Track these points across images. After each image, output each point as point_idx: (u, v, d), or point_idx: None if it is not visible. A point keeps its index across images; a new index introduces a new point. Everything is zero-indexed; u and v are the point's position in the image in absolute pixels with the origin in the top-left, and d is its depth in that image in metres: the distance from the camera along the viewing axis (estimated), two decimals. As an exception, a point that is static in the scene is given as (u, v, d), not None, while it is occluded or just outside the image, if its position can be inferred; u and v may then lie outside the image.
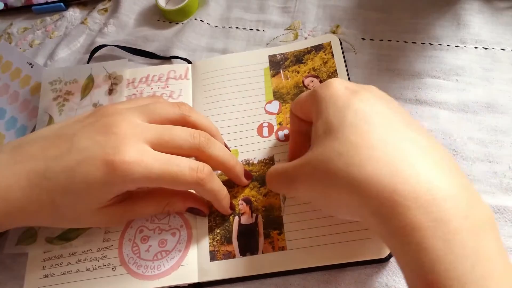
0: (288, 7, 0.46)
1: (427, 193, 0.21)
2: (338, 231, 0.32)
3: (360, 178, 0.23)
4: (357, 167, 0.23)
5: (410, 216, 0.21)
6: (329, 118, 0.26)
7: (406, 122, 0.26)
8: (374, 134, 0.24)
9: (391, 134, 0.24)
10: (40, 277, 0.34)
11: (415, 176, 0.22)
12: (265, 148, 0.37)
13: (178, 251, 0.34)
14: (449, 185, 0.22)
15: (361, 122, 0.25)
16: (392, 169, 0.22)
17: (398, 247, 0.22)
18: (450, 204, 0.21)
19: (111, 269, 0.34)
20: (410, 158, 0.23)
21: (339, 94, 0.27)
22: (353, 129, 0.25)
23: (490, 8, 0.40)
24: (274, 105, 0.39)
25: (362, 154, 0.23)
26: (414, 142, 0.24)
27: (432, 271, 0.20)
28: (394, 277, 0.31)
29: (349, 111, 0.26)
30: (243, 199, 0.35)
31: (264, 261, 0.32)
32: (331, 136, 0.25)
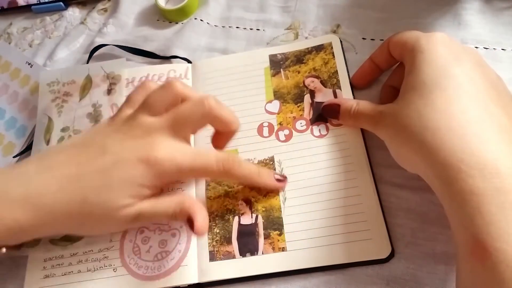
0: (289, 6, 0.46)
1: (492, 167, 0.23)
2: (338, 232, 0.32)
3: (432, 143, 0.25)
4: (431, 133, 0.25)
5: (472, 183, 0.23)
6: (423, 75, 0.28)
7: (494, 97, 0.27)
8: (458, 104, 0.26)
9: (474, 107, 0.26)
10: (40, 278, 0.34)
11: (484, 151, 0.24)
12: (265, 148, 0.37)
13: (178, 252, 0.34)
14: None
15: (451, 89, 0.26)
16: (463, 141, 0.24)
17: (455, 209, 0.24)
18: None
19: (112, 270, 0.34)
20: (484, 134, 0.24)
21: (440, 53, 0.28)
22: (441, 94, 0.26)
23: (491, 8, 0.40)
24: (275, 105, 0.39)
25: (440, 121, 0.25)
26: (493, 119, 0.26)
27: (486, 232, 0.22)
28: (395, 277, 0.31)
29: (445, 76, 0.27)
30: (243, 199, 0.35)
31: (264, 262, 0.32)
32: (419, 94, 0.27)
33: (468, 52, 0.29)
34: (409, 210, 0.33)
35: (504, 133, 0.25)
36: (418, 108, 0.27)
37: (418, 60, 0.28)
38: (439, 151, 0.24)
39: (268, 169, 0.35)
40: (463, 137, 0.24)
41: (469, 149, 0.24)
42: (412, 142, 0.27)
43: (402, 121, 0.28)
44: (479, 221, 0.22)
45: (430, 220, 0.32)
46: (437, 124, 0.25)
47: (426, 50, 0.28)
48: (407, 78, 0.29)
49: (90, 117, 0.41)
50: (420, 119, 0.26)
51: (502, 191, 0.22)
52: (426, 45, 0.29)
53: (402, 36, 0.31)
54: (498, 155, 0.24)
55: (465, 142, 0.24)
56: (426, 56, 0.28)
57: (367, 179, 0.34)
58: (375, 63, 0.36)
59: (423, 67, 0.28)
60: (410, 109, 0.27)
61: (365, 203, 0.33)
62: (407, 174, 0.34)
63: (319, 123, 0.37)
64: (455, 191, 0.23)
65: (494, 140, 0.24)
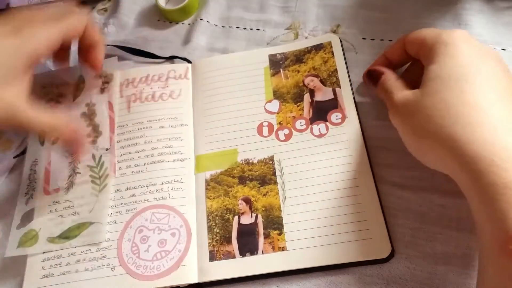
0: (289, 6, 0.46)
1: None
2: (338, 232, 0.32)
3: (462, 137, 0.25)
4: (462, 126, 0.25)
5: (506, 176, 0.22)
6: (448, 68, 0.27)
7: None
8: (487, 99, 0.26)
9: (503, 102, 0.26)
10: (39, 277, 0.34)
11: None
12: (265, 148, 0.37)
13: (178, 251, 0.33)
14: None
15: (477, 83, 0.26)
16: (495, 135, 0.24)
17: (486, 203, 0.23)
18: None
19: (110, 269, 0.33)
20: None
21: (463, 49, 0.28)
22: (469, 88, 0.26)
23: (491, 8, 0.40)
24: (274, 105, 0.39)
25: (470, 114, 0.25)
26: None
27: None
28: (395, 277, 0.31)
29: (470, 71, 0.27)
30: (242, 199, 0.35)
31: (264, 261, 0.32)
32: (445, 85, 0.27)
33: (488, 49, 0.29)
34: (409, 210, 0.33)
35: None
36: (446, 99, 0.26)
37: (441, 52, 0.28)
38: (470, 145, 0.24)
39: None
40: (495, 131, 0.24)
41: (502, 142, 0.24)
42: (438, 134, 0.26)
43: (426, 110, 0.27)
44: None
45: (430, 220, 0.32)
46: (467, 118, 0.25)
47: (450, 44, 0.28)
48: (430, 67, 0.29)
49: (85, 117, 0.41)
50: (448, 111, 0.26)
51: None
52: (448, 39, 0.29)
53: (420, 33, 0.31)
54: None
55: (496, 136, 0.24)
56: (449, 50, 0.28)
57: (367, 179, 0.34)
58: (388, 60, 0.36)
59: (446, 60, 0.28)
60: (437, 99, 0.27)
61: (365, 203, 0.33)
62: (407, 174, 0.34)
63: (319, 122, 0.37)
64: (487, 184, 0.23)
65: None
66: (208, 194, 0.36)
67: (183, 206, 0.36)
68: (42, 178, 0.39)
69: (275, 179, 0.35)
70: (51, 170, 0.39)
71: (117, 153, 0.39)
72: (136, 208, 0.36)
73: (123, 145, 0.39)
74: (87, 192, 0.37)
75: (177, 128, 0.39)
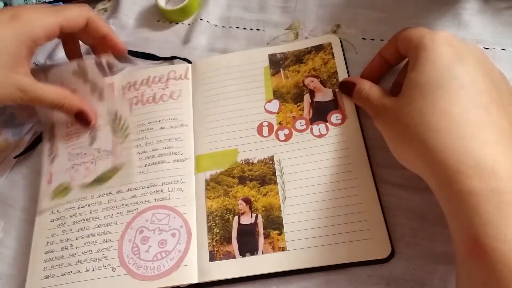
0: (289, 6, 0.46)
1: (489, 168, 0.23)
2: (338, 232, 0.32)
3: (433, 144, 0.25)
4: (433, 134, 0.26)
5: (470, 183, 0.23)
6: (426, 74, 0.28)
7: (496, 97, 0.27)
8: (459, 106, 0.26)
9: (475, 109, 0.26)
10: (41, 278, 0.34)
11: (482, 153, 0.24)
12: (265, 148, 0.37)
13: (178, 252, 0.34)
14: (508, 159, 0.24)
15: (452, 90, 0.27)
16: (462, 143, 0.25)
17: (453, 209, 0.24)
18: (510, 183, 0.23)
19: (111, 270, 0.34)
20: (483, 136, 0.25)
21: (443, 53, 0.28)
22: (443, 95, 0.27)
23: (491, 8, 0.40)
24: (274, 104, 0.39)
25: (441, 122, 0.26)
26: (493, 121, 0.26)
27: (483, 232, 0.22)
28: (395, 277, 0.31)
29: (447, 77, 0.27)
30: (242, 199, 0.35)
31: (264, 261, 0.32)
32: (421, 93, 0.28)
33: (472, 50, 0.29)
34: (409, 210, 0.33)
35: (502, 135, 0.25)
36: (420, 107, 0.27)
37: (421, 58, 0.29)
38: (439, 152, 0.25)
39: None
40: (462, 139, 0.25)
41: (468, 151, 0.24)
42: (413, 141, 0.27)
43: (403, 119, 0.28)
44: (477, 221, 0.22)
45: (430, 220, 0.32)
46: (438, 126, 0.26)
47: (430, 48, 0.29)
48: (409, 75, 0.29)
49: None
50: (422, 119, 0.27)
51: (499, 192, 0.23)
52: (429, 43, 0.29)
53: (408, 32, 0.31)
54: (495, 157, 0.24)
55: (464, 144, 0.25)
56: (429, 55, 0.28)
57: (367, 179, 0.34)
58: (384, 58, 0.36)
59: (426, 66, 0.28)
60: (412, 107, 0.28)
61: (365, 203, 0.33)
62: (407, 174, 0.34)
63: (319, 122, 0.37)
64: (454, 191, 0.24)
65: (492, 142, 0.25)
66: (208, 194, 0.36)
67: (183, 206, 0.36)
68: (45, 180, 0.39)
69: (275, 179, 0.35)
70: (53, 172, 0.39)
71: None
72: (137, 209, 0.36)
73: (124, 146, 0.39)
74: (110, 141, 0.39)
75: (177, 128, 0.39)
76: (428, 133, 0.26)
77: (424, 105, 0.27)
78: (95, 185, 0.37)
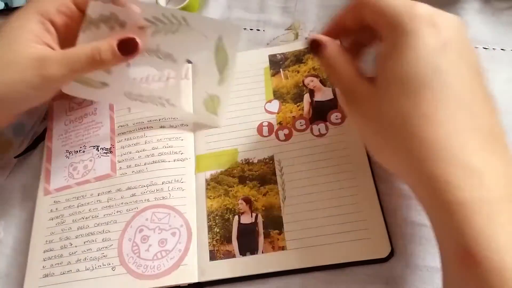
0: (289, 7, 0.46)
1: (478, 178, 0.23)
2: (338, 231, 0.32)
3: (419, 153, 0.24)
4: (419, 142, 0.24)
5: (460, 194, 0.22)
6: (408, 66, 0.25)
7: (477, 91, 0.25)
8: (446, 109, 0.24)
9: (461, 112, 0.24)
10: (40, 277, 0.34)
11: (470, 162, 0.23)
12: (265, 148, 0.37)
13: (178, 251, 0.34)
14: (500, 174, 0.24)
15: (438, 89, 0.24)
16: (450, 153, 0.23)
17: (443, 219, 0.23)
18: (498, 191, 0.23)
19: (111, 269, 0.34)
20: (470, 145, 0.24)
21: (426, 38, 0.25)
22: (429, 96, 0.24)
23: (490, 8, 0.40)
24: (274, 105, 0.39)
25: (427, 129, 0.24)
26: (477, 124, 0.24)
27: (475, 242, 0.22)
28: (394, 277, 0.31)
29: (432, 71, 0.24)
30: (243, 199, 0.35)
31: (264, 261, 0.32)
32: (404, 92, 0.25)
33: (453, 26, 0.26)
34: (409, 210, 0.33)
35: (486, 139, 0.24)
36: (403, 109, 0.25)
37: (400, 43, 0.25)
38: (426, 162, 0.24)
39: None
40: (450, 150, 0.23)
41: (456, 162, 0.23)
42: (397, 147, 0.25)
43: (383, 118, 0.26)
44: (468, 231, 0.22)
45: (430, 219, 0.32)
46: (424, 134, 0.24)
47: (410, 31, 0.25)
48: (387, 63, 0.26)
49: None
50: (404, 123, 0.25)
51: (488, 202, 0.22)
52: (410, 24, 0.25)
53: (379, 2, 0.27)
54: (483, 166, 0.23)
55: (451, 155, 0.23)
56: (410, 41, 0.25)
57: (367, 179, 0.34)
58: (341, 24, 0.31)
59: (406, 56, 0.25)
60: (393, 107, 0.25)
61: (365, 203, 0.33)
62: (407, 174, 0.34)
63: (318, 122, 0.37)
64: (443, 202, 0.23)
65: (478, 150, 0.24)
66: (208, 193, 0.36)
67: (183, 205, 0.36)
68: (43, 178, 0.39)
69: (275, 178, 0.35)
70: (52, 170, 0.39)
71: (117, 152, 0.39)
72: (137, 208, 0.36)
73: (124, 145, 0.39)
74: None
75: (177, 127, 0.39)
76: (413, 141, 0.24)
77: (406, 108, 0.25)
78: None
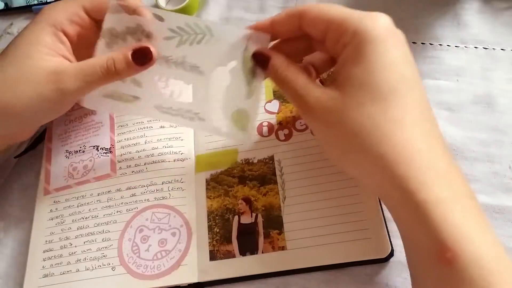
0: (288, 7, 0.46)
1: (446, 178, 0.24)
2: (338, 231, 0.32)
3: (391, 157, 0.24)
4: (390, 146, 0.24)
5: (434, 193, 0.23)
6: (375, 74, 0.25)
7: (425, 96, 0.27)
8: (412, 114, 0.25)
9: (424, 116, 0.26)
10: (39, 277, 0.34)
11: (438, 163, 0.25)
12: (265, 148, 0.37)
13: (178, 251, 0.34)
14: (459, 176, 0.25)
15: (405, 96, 0.25)
16: (420, 156, 0.24)
17: (419, 218, 0.24)
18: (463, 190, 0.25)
19: (111, 269, 0.34)
20: (435, 148, 0.25)
21: (390, 45, 0.26)
22: (397, 102, 0.25)
23: (490, 8, 0.40)
24: (274, 104, 0.39)
25: (397, 134, 0.25)
26: (436, 128, 0.26)
27: (452, 237, 0.23)
28: (394, 277, 0.31)
29: (398, 79, 0.25)
30: (242, 199, 0.35)
31: (264, 261, 0.32)
32: (371, 98, 0.25)
33: (405, 41, 0.27)
34: (409, 209, 0.33)
35: (446, 146, 0.26)
36: (371, 115, 0.25)
37: (367, 51, 0.25)
38: (400, 165, 0.24)
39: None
40: (420, 152, 0.24)
41: (428, 163, 0.24)
42: (366, 152, 0.25)
43: (351, 125, 0.25)
44: (445, 227, 0.23)
45: (430, 219, 0.32)
46: (394, 137, 0.25)
47: (376, 39, 0.25)
48: (352, 69, 0.26)
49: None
50: (374, 129, 0.25)
51: (457, 199, 0.24)
52: (374, 32, 0.25)
53: (328, 12, 0.27)
54: (448, 169, 0.25)
55: (422, 157, 0.24)
56: (377, 49, 0.25)
57: (367, 179, 0.34)
58: (274, 29, 0.30)
59: (374, 62, 0.25)
60: (362, 114, 0.25)
61: (364, 203, 0.33)
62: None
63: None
64: (418, 201, 0.24)
65: (442, 155, 0.25)
66: (208, 193, 0.36)
67: (183, 205, 0.36)
68: (43, 178, 0.39)
69: (275, 178, 0.35)
70: (51, 170, 0.39)
71: (117, 152, 0.39)
72: (137, 208, 0.36)
73: (123, 145, 0.39)
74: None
75: (177, 127, 0.39)
76: (384, 146, 0.24)
77: (375, 113, 0.25)
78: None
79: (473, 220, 0.24)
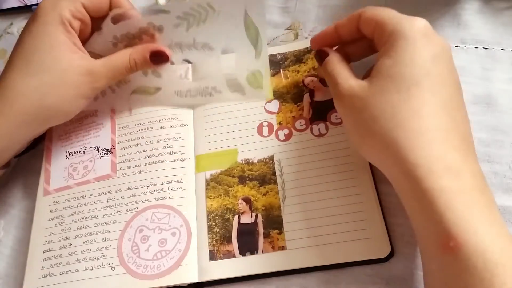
0: (288, 7, 0.46)
1: (456, 170, 0.25)
2: (338, 231, 0.32)
3: (404, 143, 0.26)
4: (404, 132, 0.26)
5: (441, 183, 0.24)
6: (403, 66, 0.27)
7: (458, 102, 0.28)
8: (431, 107, 0.26)
9: (444, 112, 0.27)
10: (39, 277, 0.34)
11: (449, 156, 0.25)
12: (265, 148, 0.37)
13: (178, 251, 0.34)
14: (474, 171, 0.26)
15: (426, 89, 0.27)
16: (433, 146, 0.25)
17: (424, 205, 0.25)
18: (473, 184, 0.25)
19: (111, 269, 0.34)
20: (450, 141, 0.26)
21: (422, 45, 0.28)
22: (417, 93, 0.27)
23: (490, 8, 0.40)
24: (274, 105, 0.39)
25: (413, 122, 0.26)
26: (456, 126, 0.27)
27: (456, 227, 0.23)
28: (394, 277, 0.31)
29: (424, 74, 0.27)
30: (242, 199, 0.35)
31: (264, 261, 0.32)
32: (395, 87, 0.27)
33: (444, 47, 0.29)
34: (409, 209, 0.33)
35: (462, 142, 0.27)
36: (392, 102, 0.27)
37: (398, 46, 0.28)
38: (411, 151, 0.25)
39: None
40: (434, 141, 0.26)
41: (438, 154, 0.25)
42: (381, 136, 0.27)
43: (373, 110, 0.27)
44: (449, 216, 0.23)
45: (430, 219, 0.32)
46: (410, 125, 0.26)
47: (408, 38, 0.28)
48: (383, 61, 0.28)
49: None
50: (393, 115, 0.27)
51: (465, 191, 0.25)
52: (409, 32, 0.28)
53: (378, 13, 0.30)
54: (459, 160, 0.26)
55: (434, 146, 0.25)
56: (408, 46, 0.28)
57: (367, 179, 0.34)
58: (338, 33, 0.34)
59: (403, 57, 0.28)
60: (384, 100, 0.27)
61: (364, 203, 0.33)
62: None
63: (318, 122, 0.37)
64: (425, 189, 0.24)
65: (456, 148, 0.26)
66: (208, 193, 0.36)
67: (183, 205, 0.36)
68: (43, 178, 0.39)
69: (275, 178, 0.35)
70: (51, 170, 0.39)
71: (118, 153, 0.39)
72: (137, 208, 0.36)
73: (124, 146, 0.39)
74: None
75: (177, 128, 0.39)
76: (399, 131, 0.26)
77: (397, 101, 0.27)
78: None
79: (479, 212, 0.24)
